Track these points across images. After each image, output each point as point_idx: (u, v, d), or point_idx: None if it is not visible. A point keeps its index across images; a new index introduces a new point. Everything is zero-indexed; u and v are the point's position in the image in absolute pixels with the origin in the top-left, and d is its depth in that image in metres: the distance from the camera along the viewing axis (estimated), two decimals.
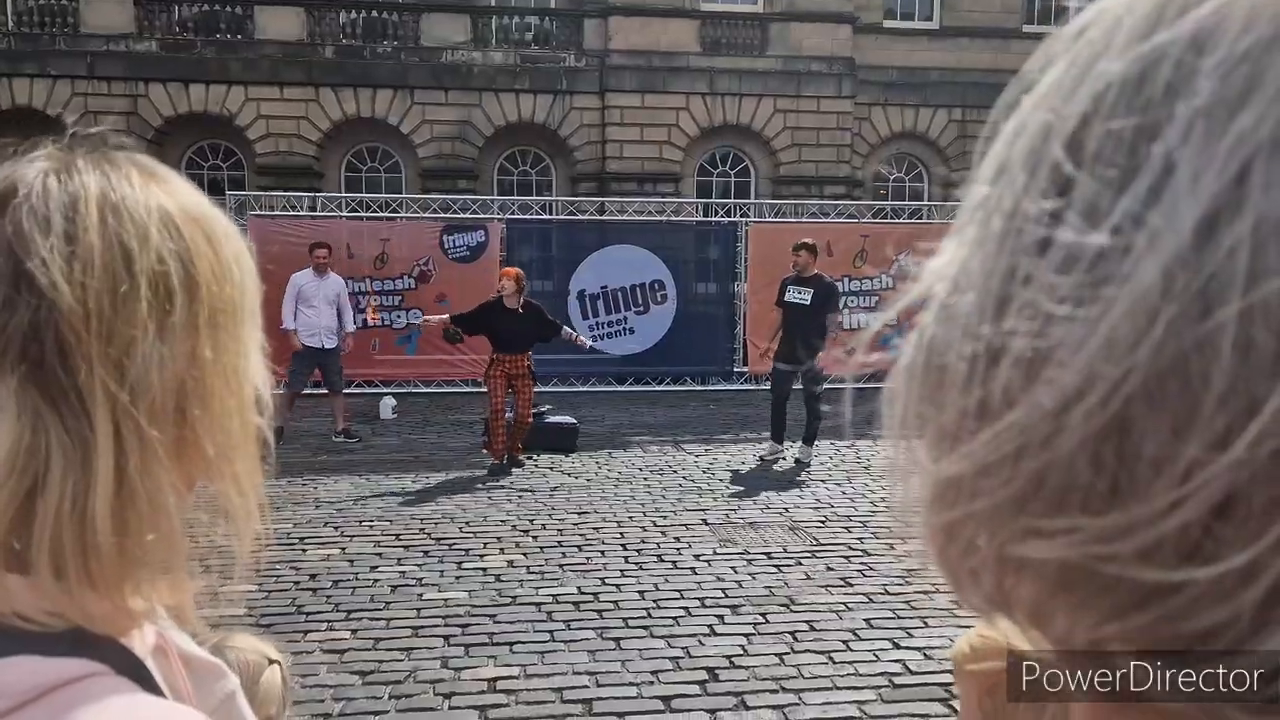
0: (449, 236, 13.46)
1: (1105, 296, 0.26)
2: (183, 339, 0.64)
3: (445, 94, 21.08)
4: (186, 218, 0.67)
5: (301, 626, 4.90)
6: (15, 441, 0.58)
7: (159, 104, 20.24)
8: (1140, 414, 0.25)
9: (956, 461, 0.30)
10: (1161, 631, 0.26)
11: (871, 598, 5.37)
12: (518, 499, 7.62)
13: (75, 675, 0.57)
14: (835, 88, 21.88)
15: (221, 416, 0.66)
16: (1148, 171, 0.25)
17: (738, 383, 14.19)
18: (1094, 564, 0.26)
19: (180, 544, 0.64)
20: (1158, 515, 0.25)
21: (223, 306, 0.67)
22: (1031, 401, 0.27)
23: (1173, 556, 0.25)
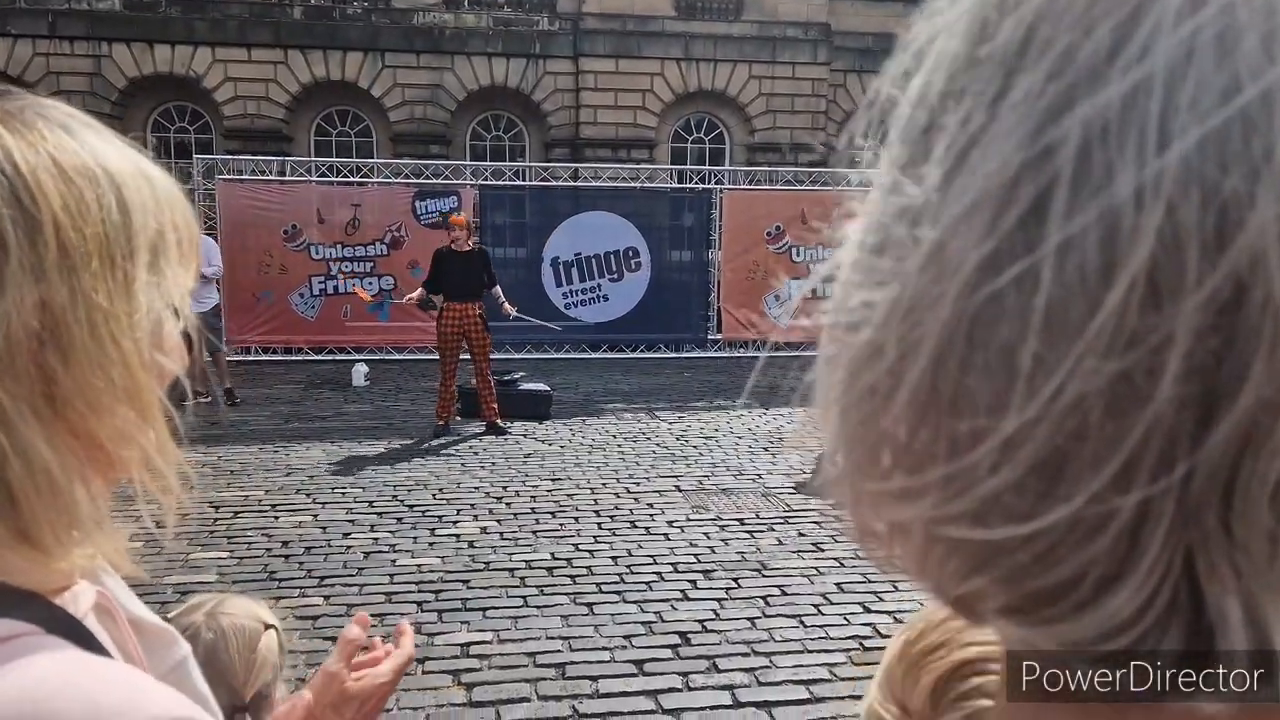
0: (421, 202, 13.33)
1: (916, 252, 0.26)
2: (28, 287, 0.58)
3: (417, 57, 20.82)
4: (34, 155, 0.61)
5: (274, 593, 4.89)
6: None
7: (123, 65, 19.83)
8: (961, 373, 0.25)
9: (833, 414, 0.31)
10: (1012, 589, 0.27)
11: (842, 562, 5.43)
12: (491, 466, 7.61)
13: (4, 635, 0.55)
14: (811, 54, 21.80)
15: (90, 367, 0.60)
16: (969, 118, 0.26)
17: (711, 350, 14.22)
18: (936, 526, 0.27)
19: (72, 499, 0.60)
20: (985, 474, 0.25)
21: (82, 247, 0.60)
22: (851, 351, 0.29)
23: (1000, 516, 0.25)
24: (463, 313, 8.51)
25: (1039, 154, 0.24)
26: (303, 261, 13.05)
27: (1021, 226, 0.24)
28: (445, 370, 8.70)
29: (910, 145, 0.28)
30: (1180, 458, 0.23)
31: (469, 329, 8.54)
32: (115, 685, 0.56)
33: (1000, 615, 0.28)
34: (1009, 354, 0.24)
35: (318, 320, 13.22)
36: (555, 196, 14.53)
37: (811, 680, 4.02)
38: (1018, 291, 0.24)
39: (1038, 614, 0.26)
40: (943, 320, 0.25)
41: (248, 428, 8.85)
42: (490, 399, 8.83)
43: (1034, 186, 0.24)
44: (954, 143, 0.26)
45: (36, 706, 0.52)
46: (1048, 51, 0.24)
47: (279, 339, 13.06)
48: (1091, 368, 0.23)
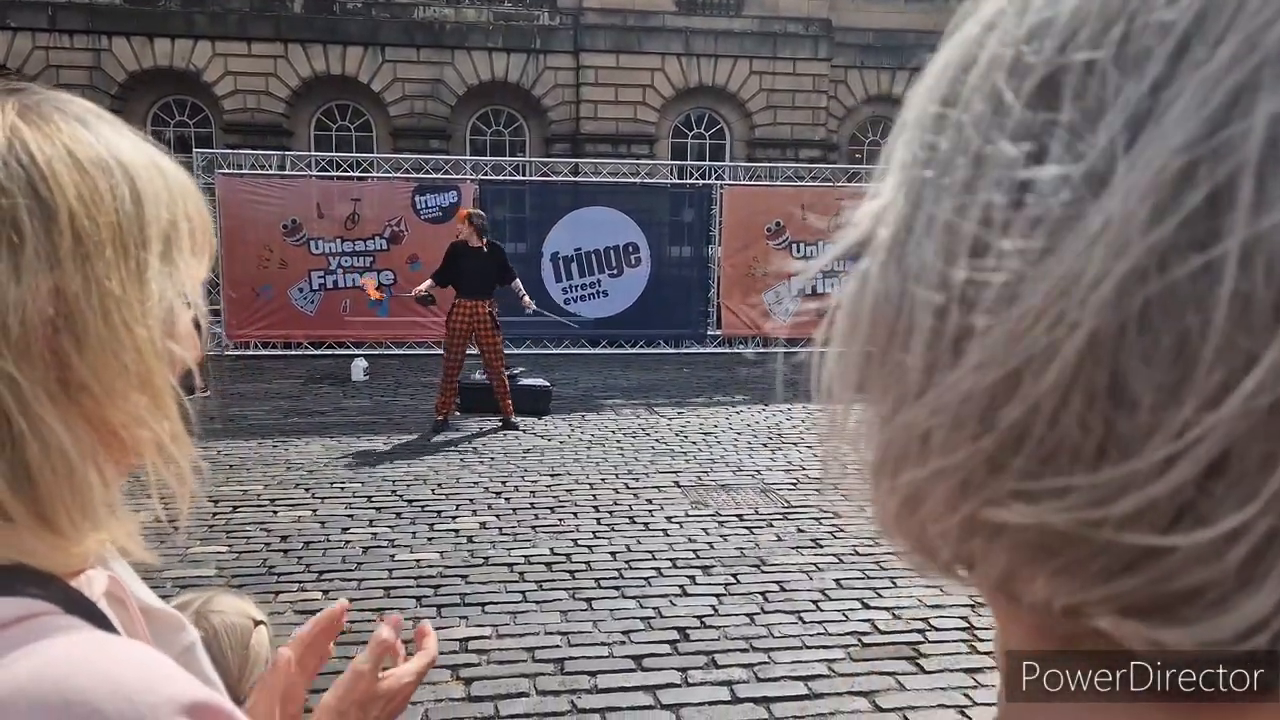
0: (421, 197, 13.32)
1: (1070, 237, 0.24)
2: (43, 274, 0.59)
3: (417, 51, 20.78)
4: (49, 146, 0.62)
5: (273, 587, 4.89)
6: None
7: (123, 58, 19.80)
8: (1125, 363, 0.24)
9: (921, 410, 0.28)
10: (1148, 592, 0.25)
11: (841, 558, 5.43)
12: (490, 461, 7.61)
13: (21, 614, 0.56)
14: (812, 49, 21.77)
15: (103, 353, 0.62)
16: (1127, 99, 0.24)
17: (711, 346, 14.22)
18: (1083, 529, 0.25)
19: (87, 483, 0.61)
20: (1152, 475, 0.24)
21: (96, 235, 0.62)
22: (986, 342, 0.26)
23: (1165, 518, 0.24)
24: (473, 310, 8.47)
25: (1227, 135, 0.22)
26: (302, 256, 13.03)
27: (1204, 212, 0.23)
28: (449, 365, 8.68)
29: (1029, 105, 0.26)
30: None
31: (478, 327, 8.51)
32: (135, 665, 0.57)
33: (1122, 615, 0.26)
34: (1186, 344, 0.23)
35: (317, 315, 13.21)
36: (555, 192, 14.51)
37: (810, 676, 4.02)
38: (1198, 280, 0.23)
39: (1172, 614, 0.25)
40: (1105, 301, 0.24)
41: (247, 422, 8.85)
42: (505, 396, 8.83)
43: (1218, 171, 0.22)
44: (1115, 122, 0.24)
45: (58, 685, 0.52)
46: (1233, 25, 0.23)
47: (278, 333, 13.05)
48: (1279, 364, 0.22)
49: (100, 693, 0.53)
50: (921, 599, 4.83)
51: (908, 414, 0.29)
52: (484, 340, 8.59)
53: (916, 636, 4.42)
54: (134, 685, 0.54)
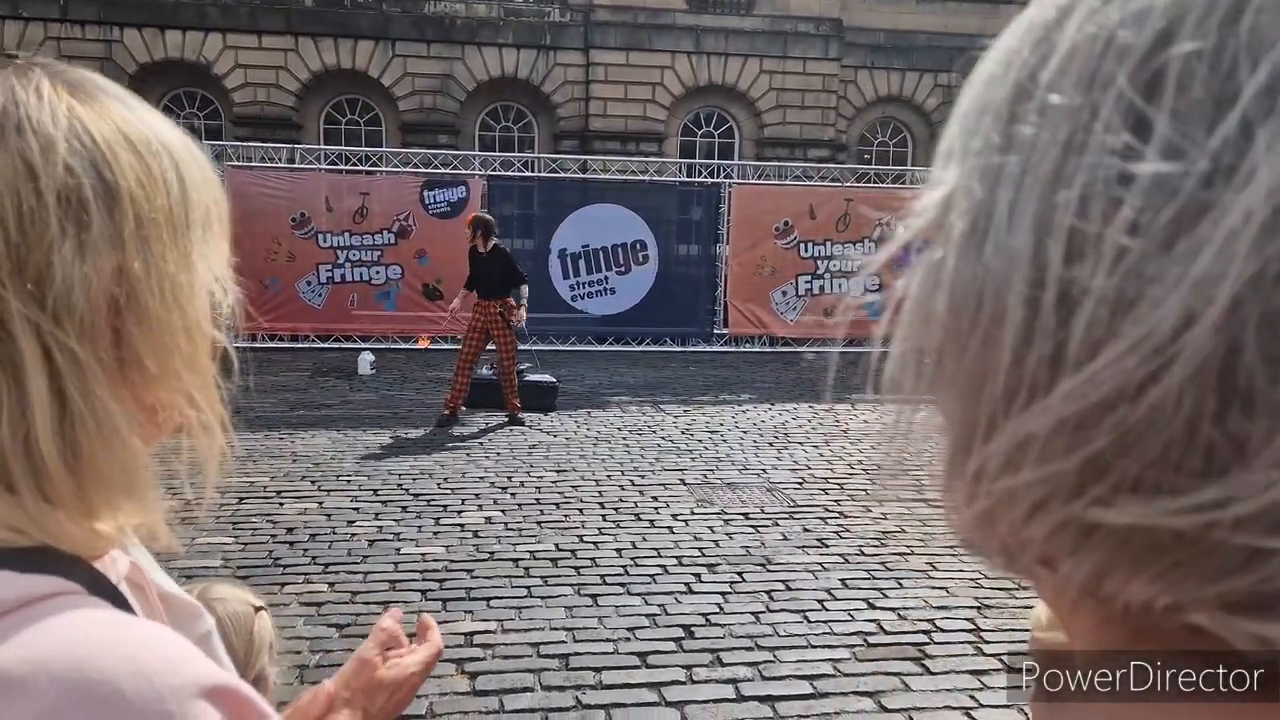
0: (429, 192, 13.32)
1: (1203, 229, 0.23)
2: (106, 254, 0.60)
3: (427, 46, 20.79)
4: (106, 126, 0.63)
5: (279, 579, 4.90)
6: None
7: (134, 49, 19.83)
8: (1249, 362, 0.23)
9: (1034, 417, 0.27)
10: (1256, 591, 0.25)
11: (847, 558, 5.42)
12: (496, 456, 7.62)
13: (47, 592, 0.56)
14: (822, 49, 21.74)
15: (161, 332, 0.63)
16: (1252, 90, 0.23)
17: (717, 344, 14.21)
18: (1199, 530, 0.25)
19: (136, 461, 0.62)
20: (1273, 480, 0.23)
21: (154, 217, 0.63)
22: (1121, 344, 0.25)
23: (1273, 526, 0.24)
24: (485, 309, 8.83)
25: None
26: (310, 249, 13.05)
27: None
28: (461, 360, 8.87)
29: (1127, 99, 0.25)
30: None
31: (490, 325, 8.80)
32: (157, 646, 0.57)
33: (1227, 612, 0.26)
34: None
35: (325, 308, 13.23)
36: (563, 188, 14.52)
37: (815, 675, 4.02)
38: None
39: (1277, 610, 0.25)
40: (1241, 297, 0.23)
41: (254, 414, 8.86)
42: (513, 391, 9.01)
43: None
44: (1243, 113, 0.23)
45: (80, 664, 0.52)
46: None
47: (285, 326, 13.07)
48: None
49: (122, 673, 0.53)
50: (927, 600, 4.82)
51: (1009, 422, 0.28)
52: (496, 337, 8.85)
53: (922, 637, 4.41)
54: (155, 667, 0.54)
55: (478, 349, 8.91)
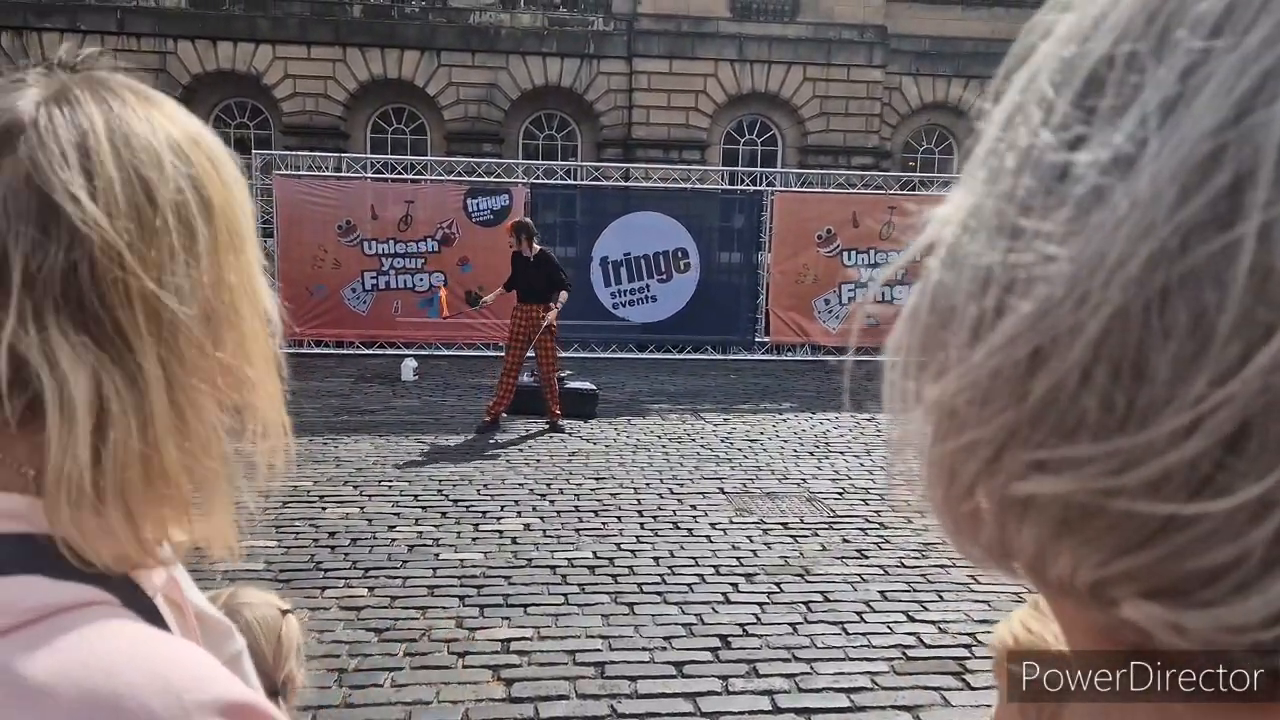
0: (473, 200, 13.43)
1: (1095, 216, 0.25)
2: (209, 266, 0.63)
3: (472, 56, 20.99)
4: (190, 142, 0.65)
5: (319, 583, 4.96)
6: (87, 383, 0.57)
7: (187, 61, 20.26)
8: (1145, 338, 0.24)
9: (953, 382, 0.29)
10: (1168, 570, 0.25)
11: (887, 570, 5.37)
12: (535, 463, 7.65)
13: (80, 601, 0.56)
14: (866, 56, 21.61)
15: (251, 339, 0.66)
16: (1160, 86, 0.25)
17: (758, 353, 14.15)
18: (1101, 498, 0.26)
19: (234, 466, 0.66)
20: (1167, 444, 0.24)
21: (235, 228, 0.66)
22: (1014, 316, 0.27)
23: (1182, 489, 0.24)
24: (527, 314, 8.78)
25: (1251, 122, 0.23)
26: (356, 256, 13.22)
27: (1228, 193, 0.23)
28: (507, 366, 8.88)
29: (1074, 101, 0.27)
30: None
31: (534, 330, 8.76)
32: (184, 664, 0.57)
33: (1145, 598, 0.26)
34: (1203, 318, 0.24)
35: (369, 315, 13.39)
36: (606, 196, 14.56)
37: (853, 689, 3.98)
38: (1219, 260, 0.23)
39: (1194, 596, 0.25)
40: (1132, 280, 0.24)
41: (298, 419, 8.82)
42: (554, 399, 8.99)
43: (1240, 154, 0.23)
44: (1146, 107, 0.25)
45: (108, 678, 0.53)
46: (1259, 20, 0.24)
47: (331, 333, 13.24)
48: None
49: (148, 688, 0.53)
50: (969, 614, 4.75)
51: (940, 388, 0.30)
52: (539, 344, 8.82)
53: (963, 652, 4.35)
54: (182, 683, 0.54)
55: (522, 354, 8.86)
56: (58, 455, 0.57)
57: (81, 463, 0.57)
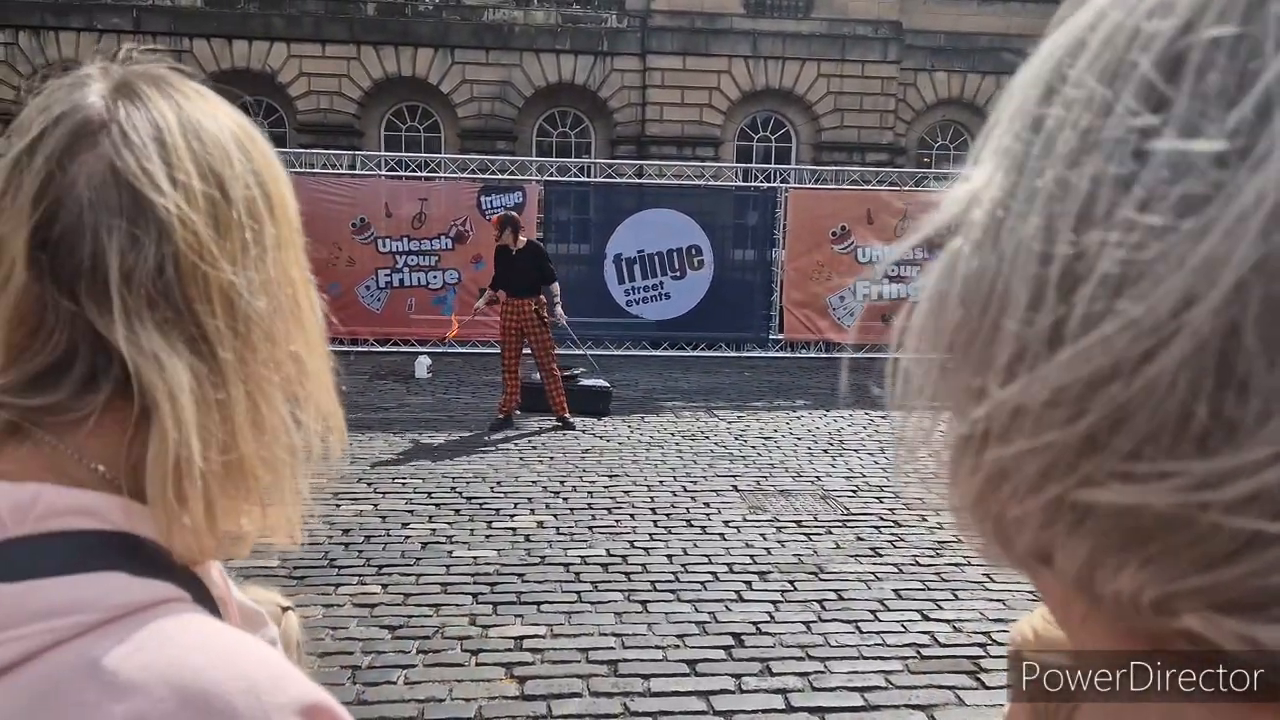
0: (487, 197, 13.45)
1: (1212, 210, 0.23)
2: (274, 261, 0.64)
3: (486, 54, 21.00)
4: (249, 138, 0.66)
5: (333, 580, 4.97)
6: (185, 377, 0.58)
7: (203, 59, 20.33)
8: (1248, 345, 0.23)
9: (1025, 387, 0.27)
10: (1248, 585, 0.24)
11: (901, 568, 5.34)
12: (549, 461, 7.65)
13: (161, 598, 0.57)
14: (881, 52, 21.51)
15: (314, 331, 0.68)
16: (1267, 75, 0.23)
17: (772, 350, 14.11)
18: (1188, 512, 0.24)
19: (299, 456, 0.67)
20: (1265, 462, 0.23)
21: (294, 224, 0.67)
22: (1118, 320, 0.25)
23: (1273, 506, 0.23)
24: (519, 308, 8.67)
25: None
26: (370, 254, 13.26)
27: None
28: (505, 364, 8.86)
29: (1165, 79, 0.25)
30: None
31: (525, 325, 8.67)
32: (263, 663, 0.58)
33: (1217, 611, 0.25)
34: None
35: (383, 312, 13.42)
36: (620, 193, 14.55)
37: (866, 688, 3.96)
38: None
39: (1271, 611, 0.24)
40: (1247, 283, 0.23)
41: None
42: (559, 393, 8.90)
43: None
44: (1261, 95, 0.23)
45: (195, 674, 0.53)
46: None
47: (345, 330, 13.27)
48: None
49: (233, 687, 0.54)
50: (984, 612, 4.72)
51: (1002, 392, 0.28)
52: (531, 337, 8.73)
53: (978, 651, 4.32)
54: (263, 684, 0.55)
55: (517, 349, 8.78)
56: (165, 449, 0.58)
57: (194, 455, 0.58)
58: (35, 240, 0.58)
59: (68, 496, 0.57)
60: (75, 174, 0.58)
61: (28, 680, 0.51)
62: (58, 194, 0.58)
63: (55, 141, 0.59)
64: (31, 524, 0.56)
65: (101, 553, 0.57)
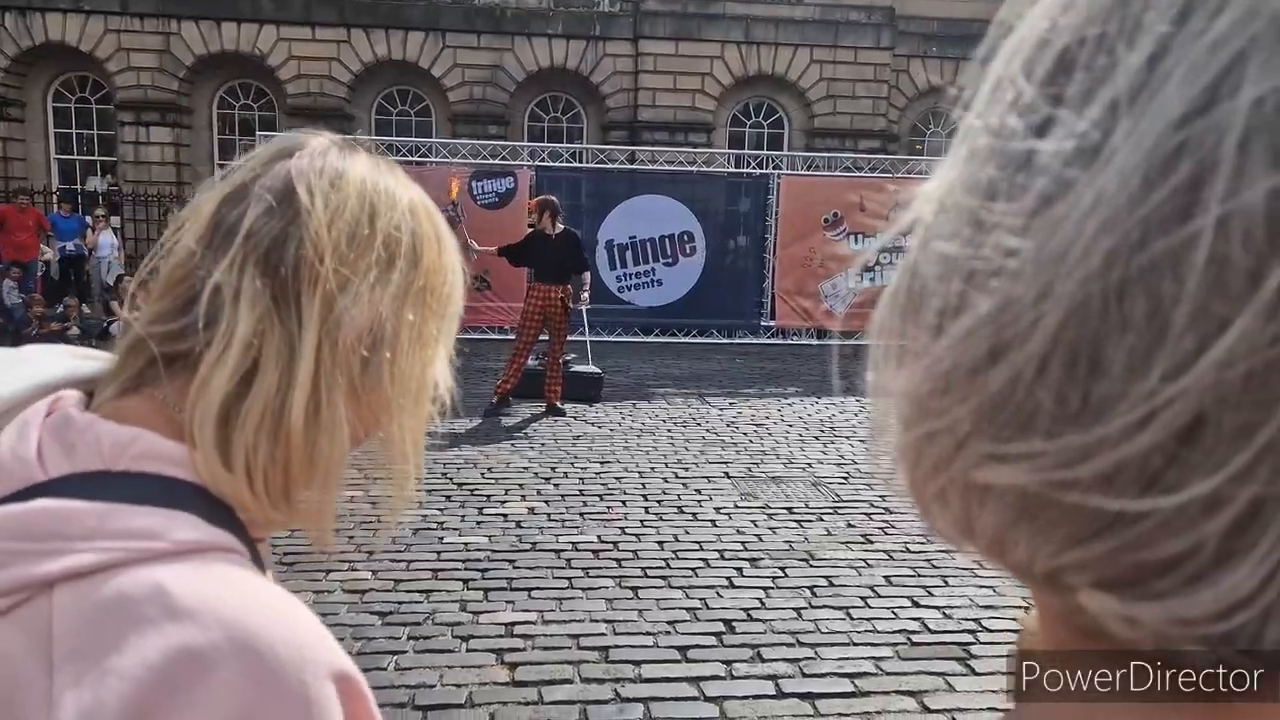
0: (478, 182, 13.39)
1: (1059, 208, 0.25)
2: (395, 296, 0.73)
3: (477, 37, 20.87)
4: (427, 213, 0.80)
5: (324, 566, 4.95)
6: (250, 326, 0.67)
7: (191, 42, 20.17)
8: (1102, 331, 0.24)
9: (918, 373, 0.29)
10: (1121, 561, 0.25)
11: (892, 555, 5.35)
12: (540, 447, 7.64)
13: (226, 545, 0.64)
14: (874, 38, 21.45)
15: (406, 369, 0.75)
16: (1124, 73, 0.25)
17: (764, 336, 14.12)
18: (1053, 491, 0.26)
19: (343, 463, 0.74)
20: (1120, 438, 0.24)
21: (435, 291, 0.77)
22: (972, 316, 0.27)
23: (1134, 484, 0.24)
24: (546, 294, 8.64)
25: (1213, 118, 0.23)
26: None
27: (1189, 186, 0.23)
28: (519, 347, 8.77)
29: (1043, 83, 0.27)
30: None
31: (551, 311, 8.66)
32: (308, 624, 0.63)
33: (1099, 589, 0.26)
34: (1159, 312, 0.23)
35: None
36: (612, 179, 14.51)
37: (857, 674, 3.97)
38: (1177, 252, 0.23)
39: (1146, 587, 0.25)
40: (1092, 273, 0.24)
41: None
42: (556, 381, 8.91)
43: (1202, 148, 0.23)
44: (1113, 94, 0.25)
45: (247, 614, 0.59)
46: (1229, 2, 0.23)
47: None
48: (1251, 335, 0.22)
49: (279, 634, 0.59)
50: (974, 599, 4.74)
51: (905, 377, 0.30)
52: (556, 325, 8.72)
53: (968, 637, 4.34)
54: (306, 640, 0.60)
55: (535, 334, 8.76)
56: (200, 382, 0.67)
57: (216, 394, 0.66)
58: (217, 209, 0.72)
59: (160, 445, 0.65)
60: (265, 172, 0.73)
61: (99, 588, 0.57)
62: (245, 180, 0.72)
63: (266, 152, 0.75)
64: (126, 462, 0.64)
65: (181, 496, 0.64)
